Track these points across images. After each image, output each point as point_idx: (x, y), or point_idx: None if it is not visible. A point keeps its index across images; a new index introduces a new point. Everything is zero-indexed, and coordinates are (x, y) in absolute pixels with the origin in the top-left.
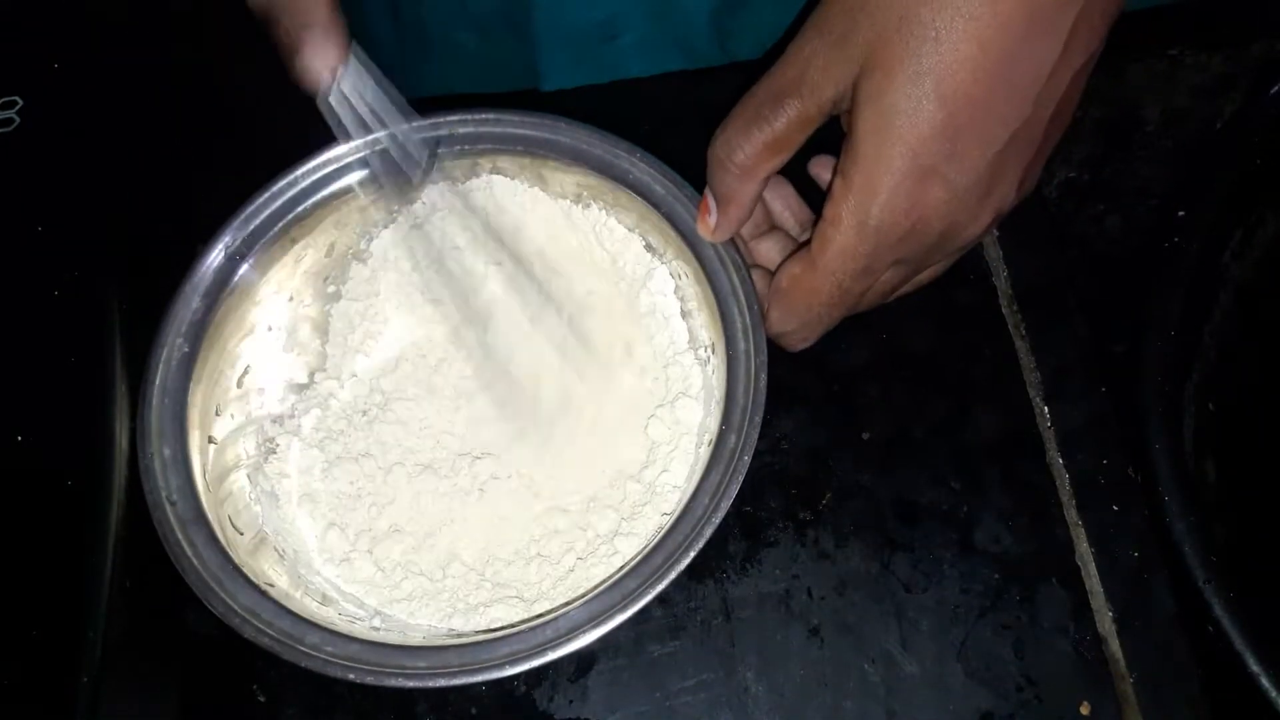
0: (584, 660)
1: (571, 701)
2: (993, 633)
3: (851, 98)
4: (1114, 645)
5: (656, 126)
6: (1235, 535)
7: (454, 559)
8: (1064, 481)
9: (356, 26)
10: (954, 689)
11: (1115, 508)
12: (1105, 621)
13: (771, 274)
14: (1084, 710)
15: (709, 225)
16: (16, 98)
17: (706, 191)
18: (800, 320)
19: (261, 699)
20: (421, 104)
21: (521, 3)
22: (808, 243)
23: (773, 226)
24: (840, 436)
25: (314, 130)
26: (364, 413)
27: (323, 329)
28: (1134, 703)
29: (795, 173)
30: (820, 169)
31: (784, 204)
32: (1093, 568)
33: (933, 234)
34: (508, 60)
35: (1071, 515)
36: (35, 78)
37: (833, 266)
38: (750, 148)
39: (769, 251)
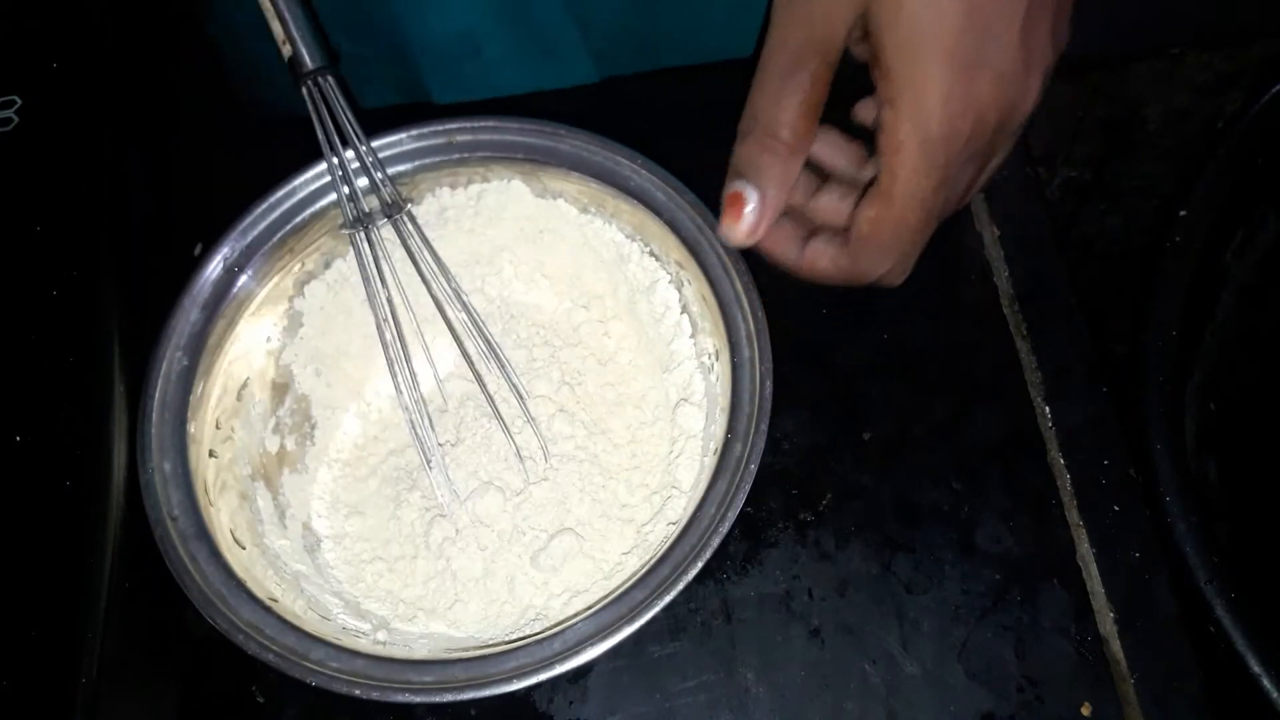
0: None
1: (571, 703)
2: (994, 633)
3: (863, 28)
4: (1115, 646)
5: (653, 126)
6: (1237, 536)
7: (461, 572)
8: (1065, 482)
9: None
10: (955, 690)
11: (1116, 508)
12: (1106, 622)
13: (832, 232)
14: (1085, 711)
15: (749, 223)
16: (15, 97)
17: (740, 191)
18: (895, 255)
19: (260, 700)
20: (414, 112)
21: (388, 17)
22: (871, 182)
23: (825, 180)
24: (841, 436)
25: (312, 139)
26: (373, 430)
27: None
28: (1135, 704)
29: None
30: (864, 111)
31: (833, 149)
32: (1094, 568)
33: (991, 122)
34: (397, 75)
35: (1073, 516)
36: (34, 77)
37: (910, 191)
38: (792, 116)
39: (830, 204)
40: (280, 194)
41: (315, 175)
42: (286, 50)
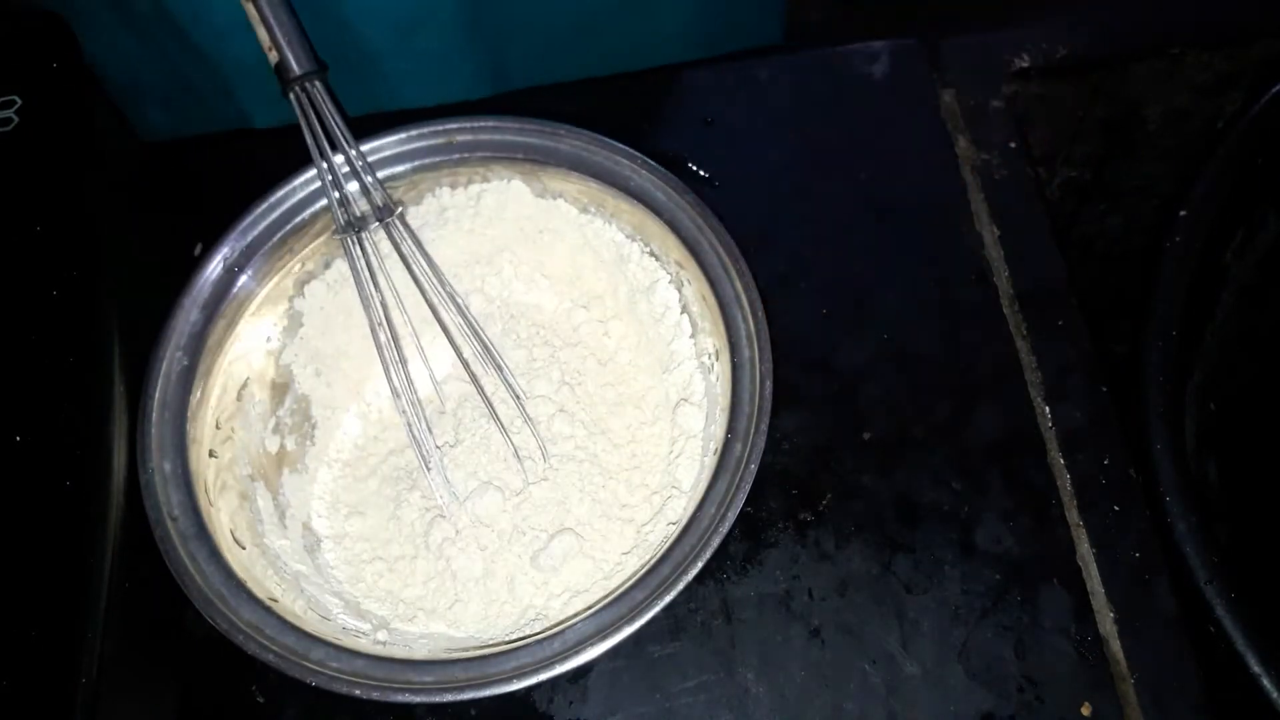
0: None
1: (571, 703)
2: (994, 633)
3: None
4: (1115, 646)
5: (653, 126)
6: (1237, 536)
7: (461, 572)
8: (1065, 482)
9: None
10: (955, 690)
11: (1116, 508)
12: (1106, 622)
13: None
14: (1085, 711)
15: None
16: (15, 97)
17: None
18: None
19: (260, 700)
20: (408, 117)
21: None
22: None
23: None
24: (841, 437)
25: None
26: (373, 430)
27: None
28: (1135, 703)
29: None
30: None
31: None
32: (1094, 568)
33: None
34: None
35: (1073, 516)
36: (34, 77)
37: None
38: None
39: None
40: (280, 194)
41: (315, 176)
42: (273, 56)
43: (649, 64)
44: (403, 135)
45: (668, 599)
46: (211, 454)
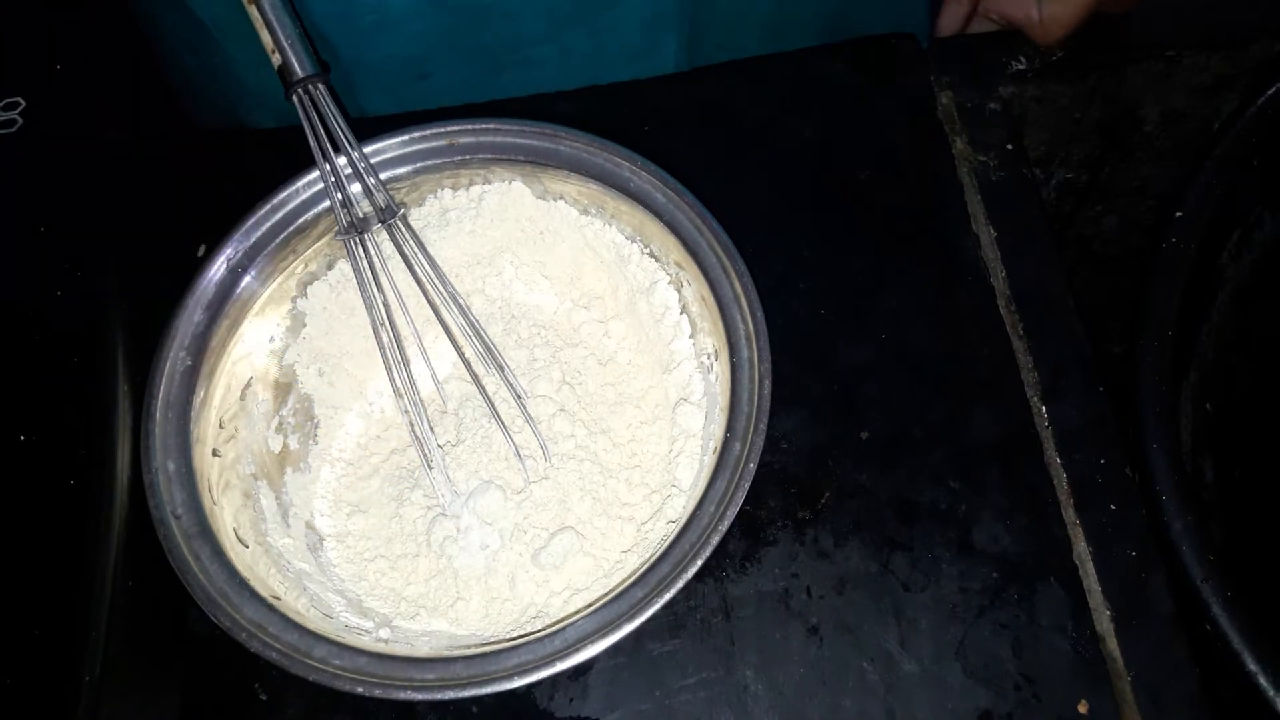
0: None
1: (572, 700)
2: (991, 632)
3: None
4: (1112, 644)
5: (653, 127)
6: (1233, 534)
7: (463, 570)
8: (1062, 481)
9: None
10: (952, 688)
11: (1113, 507)
12: (1103, 620)
13: None
14: (1082, 709)
15: None
16: (19, 99)
17: None
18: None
19: (263, 698)
20: (415, 115)
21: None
22: None
23: None
24: (840, 436)
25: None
26: (375, 429)
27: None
28: (1132, 701)
29: None
30: None
31: None
32: (1090, 567)
33: None
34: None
35: (1069, 515)
36: (37, 79)
37: None
38: None
39: None
40: (283, 195)
41: (318, 177)
42: (276, 59)
43: (785, 48)
44: (405, 137)
45: (667, 597)
46: (215, 453)
